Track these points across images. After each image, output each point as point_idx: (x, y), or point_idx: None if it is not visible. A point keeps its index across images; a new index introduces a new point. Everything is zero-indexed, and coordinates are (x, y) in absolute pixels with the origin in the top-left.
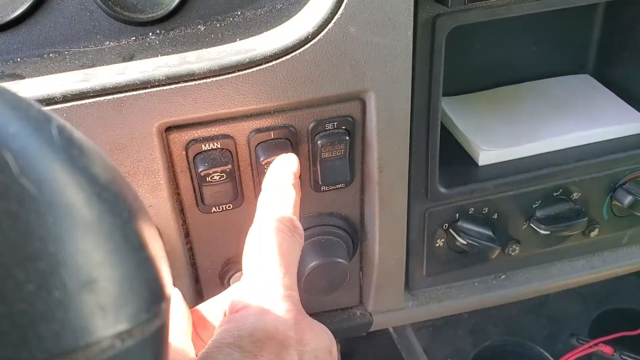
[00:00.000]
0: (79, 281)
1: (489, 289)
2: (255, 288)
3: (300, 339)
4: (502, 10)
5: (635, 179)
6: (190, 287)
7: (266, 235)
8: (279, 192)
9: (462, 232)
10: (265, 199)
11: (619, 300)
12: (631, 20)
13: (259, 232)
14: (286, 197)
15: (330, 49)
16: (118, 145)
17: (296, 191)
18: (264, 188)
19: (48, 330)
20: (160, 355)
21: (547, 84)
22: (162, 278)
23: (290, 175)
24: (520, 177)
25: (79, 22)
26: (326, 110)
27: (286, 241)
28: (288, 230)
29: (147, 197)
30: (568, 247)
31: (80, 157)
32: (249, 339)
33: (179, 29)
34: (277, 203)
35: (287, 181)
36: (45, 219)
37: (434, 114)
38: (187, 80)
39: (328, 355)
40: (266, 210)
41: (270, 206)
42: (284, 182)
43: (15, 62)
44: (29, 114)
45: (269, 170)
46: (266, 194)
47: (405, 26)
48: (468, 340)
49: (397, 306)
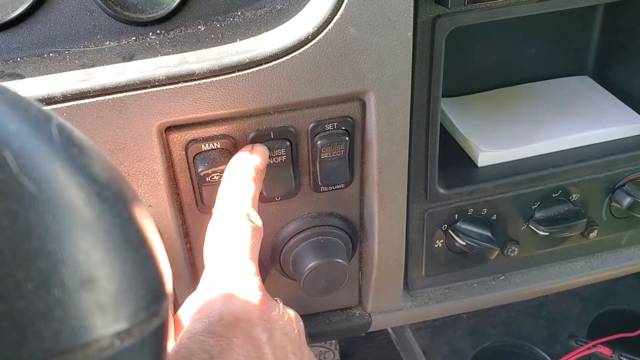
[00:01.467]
0: (78, 280)
1: (488, 290)
2: (218, 277)
3: (267, 318)
4: (502, 11)
5: (634, 180)
6: (189, 287)
7: (224, 229)
8: (237, 185)
9: (461, 233)
10: (223, 192)
11: (618, 301)
12: (630, 22)
13: (216, 225)
14: (245, 190)
15: (330, 49)
16: (118, 145)
17: (256, 184)
18: (223, 181)
19: (47, 328)
20: (160, 354)
21: (546, 85)
22: (161, 277)
23: (251, 169)
24: (520, 178)
25: (79, 22)
26: (326, 110)
27: (243, 231)
28: (244, 221)
29: (146, 197)
30: (567, 248)
31: (80, 156)
32: (219, 324)
33: (179, 29)
34: (235, 196)
35: (247, 174)
36: (45, 217)
37: (433, 115)
38: (187, 81)
39: (296, 334)
40: (223, 204)
41: (228, 199)
42: (243, 176)
43: (15, 61)
44: (28, 112)
45: (230, 162)
46: (224, 187)
47: (405, 27)
48: (467, 341)
49: (396, 307)
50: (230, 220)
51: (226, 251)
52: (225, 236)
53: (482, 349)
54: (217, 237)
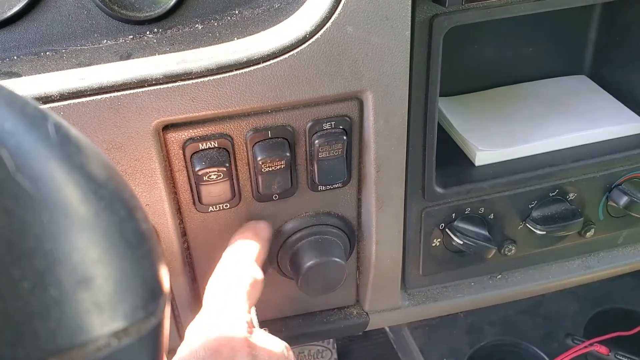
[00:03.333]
0: (75, 279)
1: (485, 289)
2: (210, 314)
3: (252, 345)
4: (499, 10)
5: (631, 179)
6: (186, 286)
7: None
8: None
9: (459, 232)
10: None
11: (615, 300)
12: (627, 21)
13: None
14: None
15: (327, 48)
16: (115, 144)
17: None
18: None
19: (44, 328)
20: (157, 353)
21: (543, 84)
22: (158, 276)
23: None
24: (517, 178)
25: (76, 20)
26: (324, 109)
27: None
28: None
29: (143, 196)
30: (564, 247)
31: (77, 155)
32: (202, 349)
33: (176, 28)
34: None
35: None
36: (41, 216)
37: (431, 114)
38: (185, 79)
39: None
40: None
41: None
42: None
43: (12, 60)
44: (25, 111)
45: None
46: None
47: (403, 26)
48: (464, 340)
49: (394, 305)
50: (232, 270)
51: (223, 293)
52: (225, 282)
53: (479, 348)
54: (217, 283)
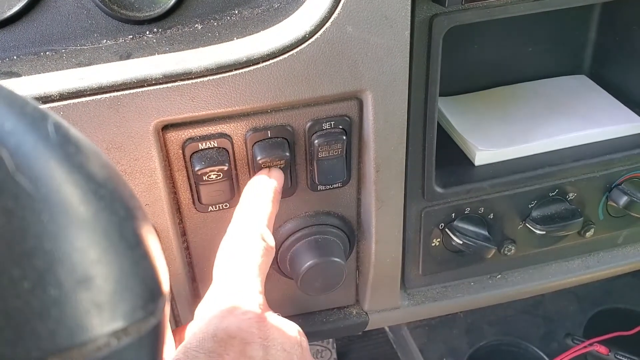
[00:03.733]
0: (75, 279)
1: (485, 289)
2: (222, 293)
3: (265, 335)
4: (499, 10)
5: (630, 179)
6: (186, 286)
7: (236, 245)
8: (255, 205)
9: (458, 232)
10: (240, 210)
11: (614, 300)
12: (627, 21)
13: (229, 242)
14: (261, 210)
15: (327, 48)
16: (114, 143)
17: (273, 205)
18: (241, 200)
19: (43, 327)
20: (156, 353)
21: (543, 84)
22: (158, 276)
23: (270, 190)
24: (516, 177)
25: (76, 20)
26: (323, 109)
27: (254, 248)
28: (257, 239)
29: (143, 196)
30: (563, 247)
31: (77, 155)
32: (212, 340)
33: (176, 28)
34: (252, 215)
35: (265, 195)
36: (41, 216)
37: (430, 114)
38: (184, 79)
39: (298, 347)
40: (239, 221)
41: (244, 217)
42: (262, 196)
43: (12, 59)
44: (25, 111)
45: (249, 183)
46: (242, 206)
47: (403, 26)
48: (464, 339)
49: (393, 305)
50: (243, 237)
51: (234, 267)
52: (236, 252)
53: (479, 348)
54: (228, 252)
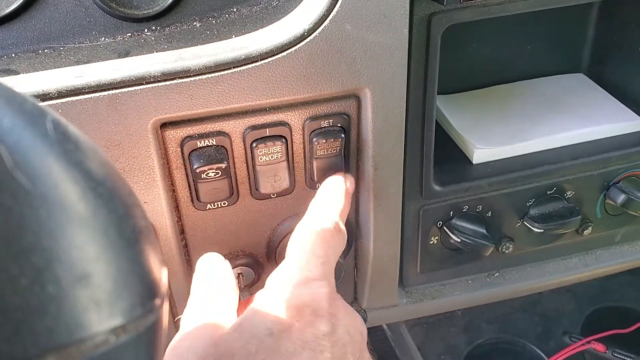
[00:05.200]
0: (73, 276)
1: (483, 287)
2: (297, 267)
3: (334, 313)
4: (497, 9)
5: (628, 177)
6: (185, 283)
7: (313, 228)
8: (331, 198)
9: (456, 230)
10: (317, 201)
11: (612, 298)
12: (625, 19)
13: (307, 225)
14: (336, 203)
15: (325, 46)
16: (113, 141)
17: (346, 203)
18: (318, 194)
19: (42, 325)
20: (155, 351)
21: (541, 82)
22: (156, 274)
23: (344, 189)
24: (514, 176)
25: (74, 18)
26: (322, 107)
27: (328, 236)
28: (332, 227)
29: (142, 194)
30: (561, 245)
31: (75, 152)
32: (284, 305)
33: (174, 26)
34: (328, 206)
35: (339, 192)
36: (39, 213)
37: (429, 112)
38: (183, 77)
39: (359, 335)
40: (317, 210)
41: (321, 207)
42: (337, 192)
43: (10, 57)
44: (23, 108)
45: (326, 181)
46: (319, 198)
47: (401, 24)
48: (462, 337)
49: (391, 303)
50: (319, 223)
51: (309, 247)
52: (312, 235)
53: (477, 346)
54: (304, 235)
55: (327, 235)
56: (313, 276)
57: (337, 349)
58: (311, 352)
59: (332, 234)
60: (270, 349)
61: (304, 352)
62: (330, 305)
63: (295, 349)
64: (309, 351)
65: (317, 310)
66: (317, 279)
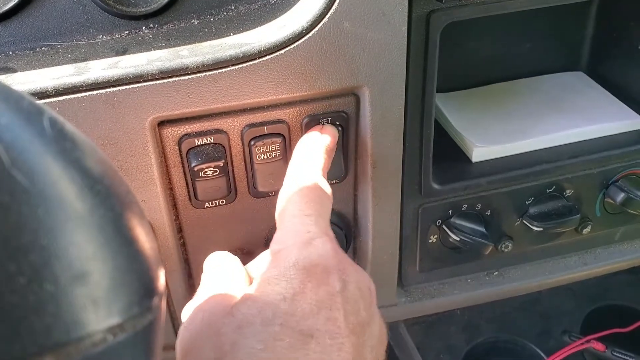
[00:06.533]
0: (71, 274)
1: (482, 286)
2: (290, 233)
3: (343, 268)
4: (496, 6)
5: (628, 176)
6: (183, 282)
7: (295, 190)
8: (307, 158)
9: (455, 229)
10: (292, 164)
11: (611, 297)
12: (624, 17)
13: (287, 189)
14: (315, 162)
15: (324, 44)
16: (110, 139)
17: (326, 158)
18: (293, 155)
19: (40, 323)
20: (152, 349)
21: (540, 80)
22: (154, 272)
23: (322, 145)
24: (514, 174)
25: (72, 16)
26: (320, 105)
27: (312, 194)
28: (315, 186)
29: (139, 192)
30: (561, 244)
31: (73, 150)
32: (294, 268)
33: (172, 23)
34: (306, 165)
35: (317, 149)
36: (37, 211)
37: (427, 110)
38: (181, 75)
39: (368, 291)
40: (293, 173)
41: (299, 168)
42: (314, 150)
43: (7, 55)
44: (20, 105)
45: (301, 139)
46: (294, 160)
47: (400, 22)
48: (461, 336)
49: (390, 302)
50: (301, 183)
51: (297, 211)
52: (297, 197)
53: (476, 345)
54: (289, 198)
55: (311, 193)
56: (312, 235)
57: (350, 306)
58: (328, 310)
59: (315, 190)
60: (286, 312)
61: (321, 311)
62: (338, 261)
63: (311, 309)
64: (326, 310)
65: (327, 268)
66: (317, 237)
